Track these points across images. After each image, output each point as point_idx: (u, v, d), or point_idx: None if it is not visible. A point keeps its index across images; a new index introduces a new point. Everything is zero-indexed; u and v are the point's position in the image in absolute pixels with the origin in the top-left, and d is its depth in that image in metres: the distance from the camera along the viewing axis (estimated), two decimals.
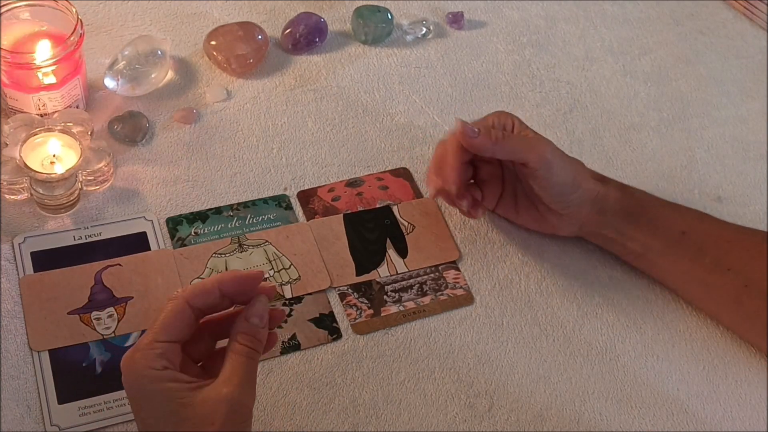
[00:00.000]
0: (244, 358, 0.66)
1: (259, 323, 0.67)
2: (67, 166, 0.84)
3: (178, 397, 0.63)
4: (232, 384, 0.64)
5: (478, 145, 0.82)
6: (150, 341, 0.65)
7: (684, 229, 0.85)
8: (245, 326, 0.67)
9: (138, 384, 0.65)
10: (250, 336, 0.67)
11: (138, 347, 0.65)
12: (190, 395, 0.63)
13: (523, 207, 0.88)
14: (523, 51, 1.08)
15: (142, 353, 0.65)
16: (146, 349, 0.65)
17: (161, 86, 0.96)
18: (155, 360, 0.64)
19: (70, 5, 0.88)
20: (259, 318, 0.68)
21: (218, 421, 0.63)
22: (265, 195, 0.90)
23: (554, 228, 0.88)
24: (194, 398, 0.63)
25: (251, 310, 0.68)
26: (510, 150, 0.82)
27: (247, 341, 0.66)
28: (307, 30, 1.02)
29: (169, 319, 0.66)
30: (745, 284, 0.82)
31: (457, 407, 0.79)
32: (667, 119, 1.04)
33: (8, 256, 0.82)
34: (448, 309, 0.85)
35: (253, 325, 0.67)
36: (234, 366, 0.65)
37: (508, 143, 0.82)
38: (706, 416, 0.81)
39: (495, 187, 0.88)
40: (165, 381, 0.64)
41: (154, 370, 0.64)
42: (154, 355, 0.64)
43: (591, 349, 0.85)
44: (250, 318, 0.67)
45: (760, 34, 1.15)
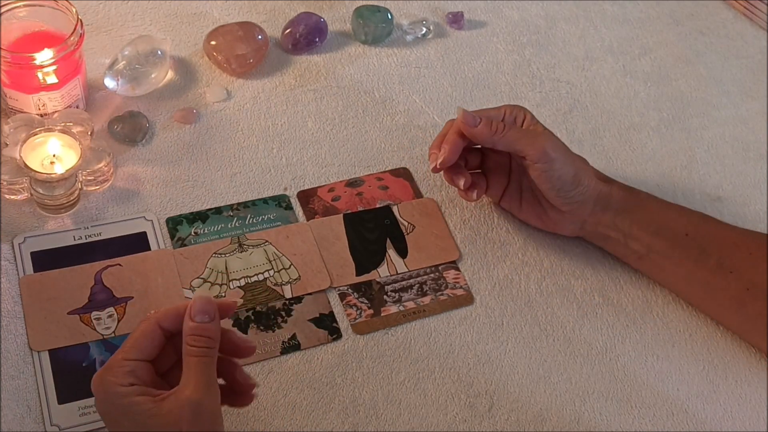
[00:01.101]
0: (196, 359, 0.66)
1: (206, 319, 0.67)
2: (67, 166, 0.84)
3: (146, 409, 0.65)
4: (189, 387, 0.65)
5: (477, 134, 0.83)
6: (119, 360, 0.67)
7: (688, 231, 0.84)
8: (192, 326, 0.67)
9: (108, 401, 0.66)
10: (199, 336, 0.67)
11: (107, 367, 0.67)
12: (157, 407, 0.65)
13: (527, 201, 0.88)
14: (523, 51, 1.08)
15: (112, 372, 0.66)
16: (115, 367, 0.67)
17: (161, 86, 0.96)
18: (123, 377, 0.66)
19: (70, 5, 0.88)
20: (203, 314, 0.67)
21: (185, 424, 0.64)
22: (265, 195, 0.90)
23: (556, 225, 0.88)
24: (161, 409, 0.64)
25: (193, 309, 0.67)
26: (509, 141, 0.83)
27: (197, 341, 0.66)
28: (307, 30, 1.02)
29: (139, 339, 0.68)
30: (747, 287, 0.82)
31: (457, 407, 0.79)
32: (667, 119, 1.04)
33: (8, 256, 0.82)
34: (448, 309, 0.85)
35: (199, 323, 0.67)
36: (189, 369, 0.66)
37: (508, 135, 0.83)
38: (706, 416, 0.82)
39: (501, 178, 0.88)
40: (132, 396, 0.65)
41: (122, 387, 0.65)
42: (123, 373, 0.66)
43: (591, 349, 0.85)
44: (195, 315, 0.67)
45: (760, 34, 1.15)
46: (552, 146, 0.83)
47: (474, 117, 0.83)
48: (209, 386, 0.66)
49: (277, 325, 0.82)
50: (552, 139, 0.84)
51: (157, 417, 0.64)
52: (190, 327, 0.67)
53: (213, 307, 0.68)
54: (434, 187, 0.93)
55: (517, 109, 0.86)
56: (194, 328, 0.67)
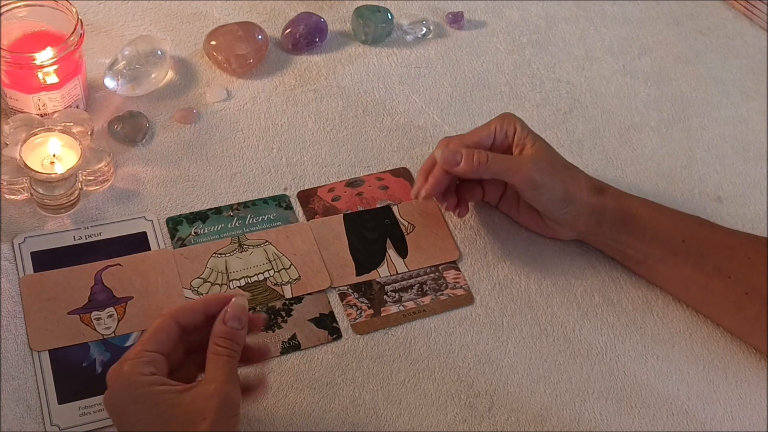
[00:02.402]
0: (224, 357, 0.68)
1: (237, 326, 0.69)
2: (67, 166, 0.84)
3: (168, 399, 0.66)
4: (218, 381, 0.66)
5: (460, 172, 0.84)
6: (139, 351, 0.68)
7: (684, 237, 0.84)
8: (223, 329, 0.69)
9: (127, 391, 0.67)
10: (228, 339, 0.68)
11: (126, 358, 0.68)
12: (179, 397, 0.66)
13: (524, 208, 0.88)
14: (523, 51, 1.08)
15: (131, 362, 0.67)
16: (135, 358, 0.67)
17: (161, 86, 0.96)
18: (144, 367, 0.67)
19: (70, 5, 0.88)
20: (237, 320, 0.69)
21: (210, 415, 0.64)
22: (265, 195, 0.90)
23: (553, 232, 0.88)
24: (183, 399, 0.65)
25: (229, 314, 0.69)
26: (494, 172, 0.84)
27: (225, 344, 0.68)
28: (307, 30, 1.02)
29: (157, 332, 0.69)
30: (746, 291, 0.82)
31: (457, 407, 0.79)
32: (667, 119, 1.04)
33: (8, 256, 0.82)
34: (448, 309, 0.85)
35: (231, 327, 0.69)
36: (217, 365, 0.67)
37: (492, 166, 0.83)
38: (706, 416, 0.81)
39: (497, 186, 0.89)
40: (155, 385, 0.66)
41: (144, 376, 0.66)
42: (143, 363, 0.67)
43: (591, 349, 0.85)
44: (228, 321, 0.69)
45: (760, 34, 1.15)
46: (538, 171, 0.83)
47: (454, 155, 0.83)
48: (235, 381, 0.67)
49: (277, 325, 0.82)
50: (538, 162, 0.84)
51: (179, 407, 0.65)
52: (221, 329, 0.69)
53: (246, 316, 0.70)
54: None
55: (506, 122, 0.86)
56: (225, 331, 0.69)
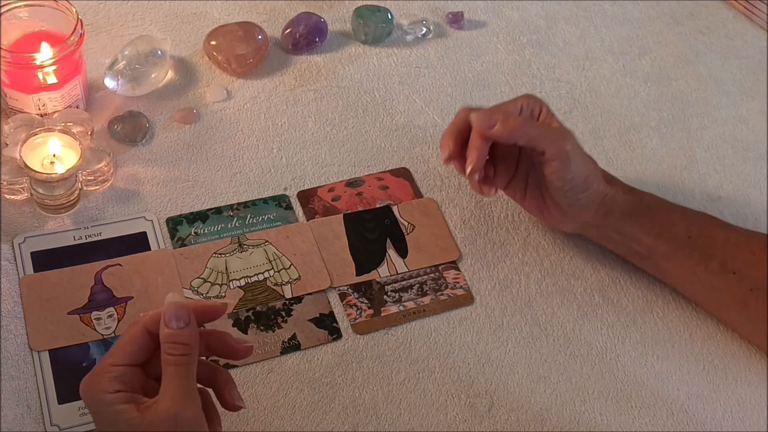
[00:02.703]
0: (173, 367, 0.65)
1: (180, 324, 0.65)
2: (67, 166, 0.84)
3: (130, 419, 0.64)
4: (167, 399, 0.64)
5: (496, 135, 0.80)
6: (106, 365, 0.66)
7: (690, 233, 0.84)
8: (166, 333, 0.65)
9: (95, 407, 0.66)
10: (175, 343, 0.65)
11: (93, 373, 0.66)
12: (140, 416, 0.64)
13: (530, 195, 0.86)
14: (523, 51, 1.08)
15: (96, 378, 0.66)
16: (102, 373, 0.66)
17: (161, 86, 0.96)
18: (109, 383, 0.65)
19: (70, 5, 0.88)
20: (177, 319, 0.65)
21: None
22: (265, 195, 0.90)
23: (557, 222, 0.87)
24: (144, 420, 0.63)
25: (166, 316, 0.65)
26: (530, 137, 0.80)
27: (173, 349, 0.65)
28: (307, 30, 1.02)
29: (127, 343, 0.67)
30: (750, 288, 0.82)
31: (457, 407, 0.79)
32: (667, 119, 1.04)
33: (8, 256, 0.82)
34: (448, 309, 0.85)
35: (174, 329, 0.65)
36: (166, 378, 0.65)
37: (529, 130, 0.80)
38: (706, 416, 0.82)
39: (509, 167, 0.86)
40: (117, 404, 0.64)
41: (107, 394, 0.65)
42: (109, 379, 0.65)
43: (591, 349, 0.85)
44: (168, 323, 0.65)
45: (760, 34, 1.15)
46: (572, 145, 0.81)
47: (490, 117, 0.80)
48: (186, 396, 0.64)
49: (277, 325, 0.82)
50: (570, 137, 0.82)
51: (140, 427, 0.63)
52: (165, 335, 0.65)
53: (186, 311, 0.66)
54: (434, 187, 0.93)
55: (533, 101, 0.84)
56: (169, 335, 0.65)
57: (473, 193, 0.93)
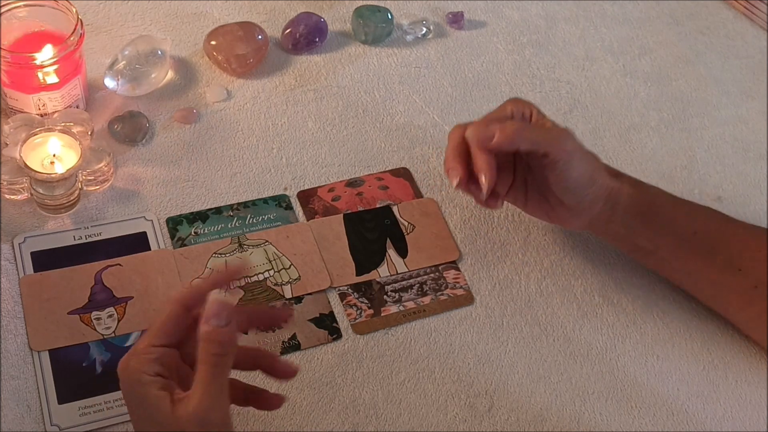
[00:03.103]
0: (207, 366, 0.63)
1: (220, 322, 0.63)
2: (67, 166, 0.84)
3: (161, 408, 0.63)
4: (196, 398, 0.63)
5: (497, 145, 0.78)
6: (146, 346, 0.65)
7: (696, 229, 0.84)
8: (204, 330, 0.63)
9: (131, 387, 0.65)
10: (212, 340, 0.63)
11: (134, 351, 0.65)
12: (172, 409, 0.63)
13: (532, 198, 0.85)
14: (523, 51, 1.08)
15: (137, 358, 0.65)
16: (141, 353, 0.65)
17: (161, 86, 0.96)
18: (149, 365, 0.64)
19: (70, 5, 0.88)
20: (217, 317, 0.63)
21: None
22: (265, 195, 0.90)
23: (563, 221, 0.86)
24: (175, 412, 0.63)
25: (207, 312, 0.64)
26: (531, 140, 0.79)
27: (210, 347, 0.63)
28: (307, 30, 1.02)
29: (166, 323, 0.66)
30: (755, 285, 0.82)
31: (457, 407, 0.79)
32: (667, 119, 1.04)
33: (8, 256, 0.82)
34: (448, 309, 0.85)
35: (214, 326, 0.63)
36: (199, 377, 0.63)
37: (529, 134, 0.79)
38: (706, 416, 0.82)
39: (506, 175, 0.85)
40: (154, 387, 0.64)
41: (147, 375, 0.64)
42: (149, 360, 0.64)
43: (591, 349, 0.85)
44: (209, 320, 0.63)
45: (760, 34, 1.15)
46: (572, 144, 0.81)
47: (486, 130, 0.78)
48: (217, 397, 0.63)
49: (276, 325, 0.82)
50: (569, 135, 0.81)
51: (169, 419, 0.63)
52: (203, 332, 0.64)
53: (227, 310, 0.64)
54: (434, 187, 0.93)
55: (521, 105, 0.83)
56: (207, 332, 0.63)
57: None
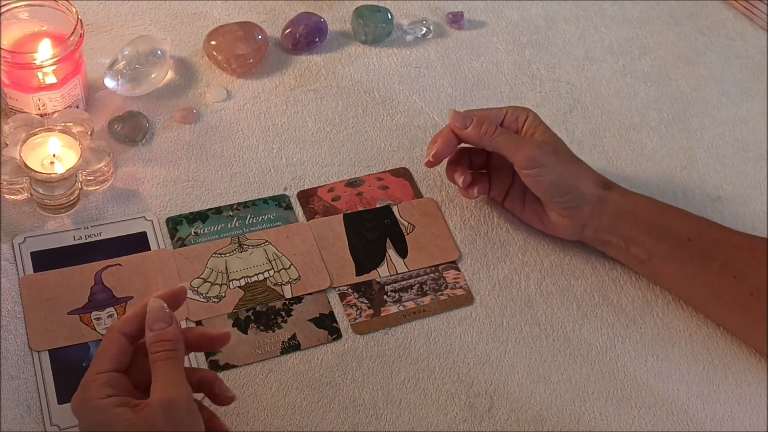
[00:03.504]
0: (161, 362, 0.67)
1: (162, 326, 0.68)
2: (67, 166, 0.84)
3: (125, 420, 0.64)
4: (158, 390, 0.65)
5: (466, 136, 0.85)
6: (92, 374, 0.67)
7: (690, 236, 0.84)
8: (151, 336, 0.68)
9: (89, 418, 0.66)
10: (159, 341, 0.67)
11: (83, 385, 0.67)
12: (136, 416, 0.64)
13: (529, 203, 0.88)
14: (523, 51, 1.08)
15: (88, 388, 0.66)
16: (90, 382, 0.67)
17: (161, 86, 0.97)
18: (99, 389, 0.66)
19: (70, 5, 0.88)
20: (159, 322, 0.68)
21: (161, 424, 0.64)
22: (265, 195, 0.90)
23: (556, 229, 0.88)
24: (140, 419, 0.64)
25: (149, 321, 0.68)
26: (497, 146, 0.85)
27: (158, 347, 0.67)
28: (307, 30, 1.02)
29: (106, 349, 0.68)
30: (751, 291, 0.82)
31: (457, 407, 0.79)
32: (667, 119, 1.04)
33: (8, 256, 0.82)
34: (448, 309, 0.85)
35: (157, 330, 0.68)
36: (156, 374, 0.67)
37: (497, 139, 0.84)
38: (706, 416, 0.81)
39: (505, 178, 0.89)
40: (111, 408, 0.65)
41: (101, 400, 0.65)
42: (98, 385, 0.66)
43: (591, 349, 0.85)
44: (152, 327, 0.68)
45: (760, 34, 1.15)
46: (541, 152, 0.83)
47: (464, 118, 0.85)
48: (178, 383, 0.66)
49: (277, 325, 0.82)
50: (543, 146, 0.84)
51: (137, 424, 0.64)
52: (150, 337, 0.68)
53: (167, 314, 0.69)
54: (434, 187, 0.93)
55: (519, 110, 0.87)
56: (154, 336, 0.68)
57: None
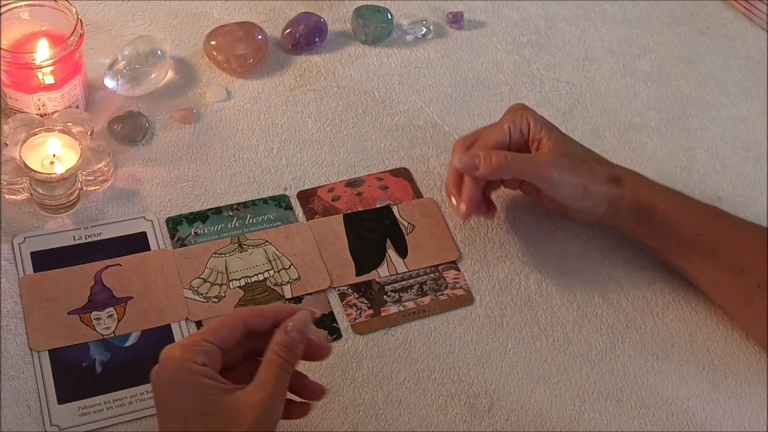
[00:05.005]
0: (277, 368, 0.67)
1: (297, 337, 0.69)
2: (67, 166, 0.84)
3: (211, 393, 0.65)
4: (264, 391, 0.66)
5: (481, 176, 0.84)
6: (198, 338, 0.67)
7: (698, 231, 0.85)
8: (283, 338, 0.68)
9: (174, 375, 0.66)
10: (287, 348, 0.68)
11: (183, 343, 0.67)
12: (221, 395, 0.65)
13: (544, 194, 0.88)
14: (523, 51, 1.08)
15: (186, 347, 0.67)
16: (192, 344, 0.67)
17: (161, 86, 0.96)
18: (198, 355, 0.66)
19: (70, 5, 0.88)
20: (298, 332, 0.69)
21: (246, 423, 0.64)
22: (265, 195, 0.90)
23: (573, 218, 0.89)
24: (225, 399, 0.65)
25: (292, 324, 0.69)
26: (513, 173, 0.84)
27: (282, 353, 0.68)
28: (307, 30, 1.02)
29: (223, 327, 0.68)
30: (758, 284, 0.82)
31: (457, 407, 0.79)
32: (667, 119, 1.04)
33: (8, 256, 0.82)
34: (448, 309, 0.85)
35: (291, 338, 0.68)
36: (268, 374, 0.67)
37: (511, 167, 0.83)
38: (706, 416, 0.81)
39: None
40: (202, 376, 0.65)
41: (195, 364, 0.66)
42: (198, 351, 0.66)
43: (591, 349, 0.85)
44: (290, 331, 0.68)
45: (760, 34, 1.15)
46: (557, 169, 0.83)
47: (471, 160, 0.83)
48: (281, 397, 0.67)
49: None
50: (557, 160, 0.84)
51: (220, 405, 0.64)
52: (280, 338, 0.68)
53: (307, 330, 0.69)
54: (434, 187, 0.93)
55: (519, 118, 0.86)
56: (286, 340, 0.68)
57: None
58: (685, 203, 0.87)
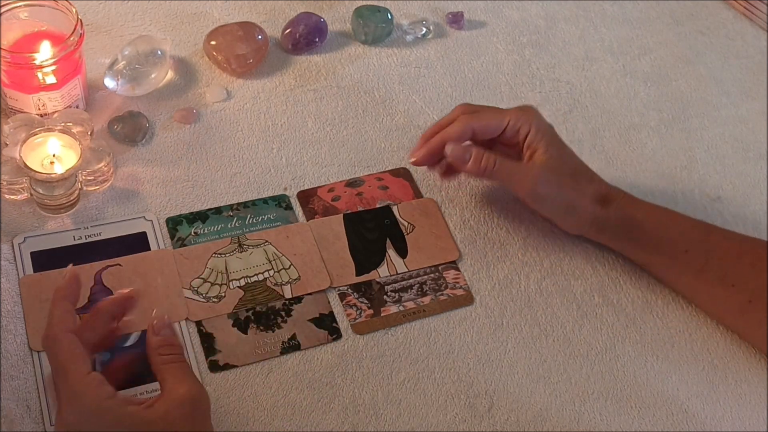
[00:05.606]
0: (175, 364, 0.70)
1: (169, 332, 0.72)
2: (67, 166, 0.84)
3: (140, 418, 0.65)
4: (183, 386, 0.68)
5: (467, 171, 0.86)
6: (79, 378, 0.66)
7: (687, 248, 0.85)
8: (158, 340, 0.71)
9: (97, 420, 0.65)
10: (168, 346, 0.71)
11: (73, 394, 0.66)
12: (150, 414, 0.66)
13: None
14: (523, 51, 1.08)
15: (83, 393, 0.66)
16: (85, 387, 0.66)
17: (161, 86, 0.96)
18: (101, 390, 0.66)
19: (70, 5, 0.88)
20: (167, 328, 0.72)
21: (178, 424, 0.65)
22: (265, 195, 0.90)
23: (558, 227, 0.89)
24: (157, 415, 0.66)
25: (157, 327, 0.72)
26: (498, 179, 0.87)
27: (169, 351, 0.71)
28: (307, 30, 1.02)
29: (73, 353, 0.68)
30: (750, 298, 0.82)
31: (457, 407, 0.79)
32: (667, 119, 1.04)
33: (8, 256, 0.82)
34: (448, 309, 0.85)
35: (166, 336, 0.72)
36: (172, 374, 0.69)
37: (497, 173, 0.85)
38: (706, 416, 0.82)
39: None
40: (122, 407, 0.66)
41: (107, 400, 0.66)
42: (96, 386, 0.66)
43: (591, 349, 0.85)
44: (160, 331, 0.72)
45: (760, 34, 1.15)
46: (542, 183, 0.84)
47: (463, 153, 0.85)
48: (194, 380, 0.69)
49: (277, 325, 0.82)
50: (544, 174, 0.84)
51: (154, 424, 0.65)
52: (157, 341, 0.71)
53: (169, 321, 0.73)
54: (434, 187, 0.93)
55: (522, 119, 0.86)
56: (162, 341, 0.71)
57: (473, 193, 0.93)
58: (672, 221, 0.87)
